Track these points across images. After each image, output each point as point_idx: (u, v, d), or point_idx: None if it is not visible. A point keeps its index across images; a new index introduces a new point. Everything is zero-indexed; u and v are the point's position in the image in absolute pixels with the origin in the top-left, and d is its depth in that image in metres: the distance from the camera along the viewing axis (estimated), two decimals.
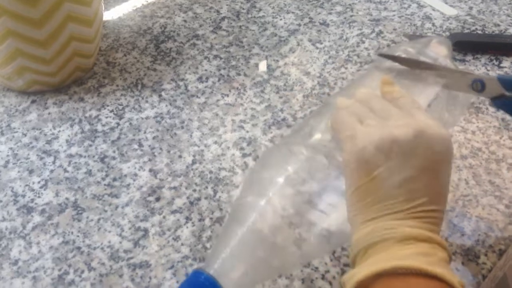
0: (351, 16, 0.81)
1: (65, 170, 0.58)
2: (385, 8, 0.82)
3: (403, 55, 0.50)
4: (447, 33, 0.75)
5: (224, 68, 0.71)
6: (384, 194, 0.36)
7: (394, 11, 0.81)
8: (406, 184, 0.36)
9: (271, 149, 0.47)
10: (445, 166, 0.38)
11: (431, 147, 0.36)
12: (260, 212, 0.40)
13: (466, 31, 0.76)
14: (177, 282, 0.47)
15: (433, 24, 0.78)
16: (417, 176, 0.36)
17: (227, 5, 0.85)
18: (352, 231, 0.38)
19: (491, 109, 0.63)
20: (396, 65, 0.49)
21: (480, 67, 0.69)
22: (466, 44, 0.72)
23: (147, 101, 0.66)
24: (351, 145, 0.38)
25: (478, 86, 0.45)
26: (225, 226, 0.42)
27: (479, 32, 0.76)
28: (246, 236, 0.40)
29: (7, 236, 0.51)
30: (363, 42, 0.75)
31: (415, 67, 0.48)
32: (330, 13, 0.82)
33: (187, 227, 0.51)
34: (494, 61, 0.70)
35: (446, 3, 0.82)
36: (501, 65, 0.70)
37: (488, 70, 0.69)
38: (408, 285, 0.34)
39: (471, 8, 0.81)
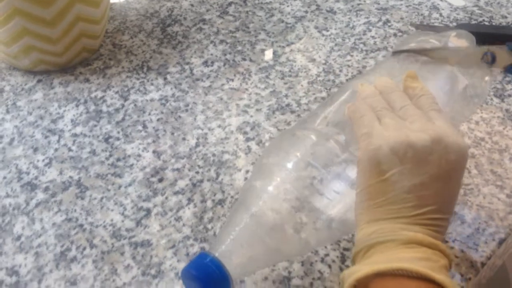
0: (358, 4, 0.81)
1: (70, 149, 0.58)
2: None
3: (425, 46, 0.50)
4: (454, 24, 0.75)
5: (230, 53, 0.72)
6: (393, 198, 0.36)
7: (401, 0, 0.81)
8: (417, 190, 0.36)
9: (281, 134, 0.47)
10: (458, 175, 0.37)
11: (446, 155, 0.36)
12: (266, 198, 0.40)
13: (473, 22, 0.76)
14: (178, 261, 0.47)
15: (441, 14, 0.77)
16: (429, 183, 0.36)
17: None
18: (357, 229, 0.38)
19: (496, 100, 0.63)
20: (412, 55, 0.49)
21: None
22: (473, 35, 0.72)
23: (152, 84, 0.67)
24: (366, 143, 0.38)
25: (489, 58, 0.45)
26: (232, 210, 0.42)
27: (486, 23, 0.76)
28: (252, 221, 0.40)
29: (11, 212, 0.52)
30: (370, 31, 0.75)
31: (427, 54, 0.48)
32: (338, 1, 0.81)
33: (189, 208, 0.52)
34: None
35: None
36: None
37: None
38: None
39: None
